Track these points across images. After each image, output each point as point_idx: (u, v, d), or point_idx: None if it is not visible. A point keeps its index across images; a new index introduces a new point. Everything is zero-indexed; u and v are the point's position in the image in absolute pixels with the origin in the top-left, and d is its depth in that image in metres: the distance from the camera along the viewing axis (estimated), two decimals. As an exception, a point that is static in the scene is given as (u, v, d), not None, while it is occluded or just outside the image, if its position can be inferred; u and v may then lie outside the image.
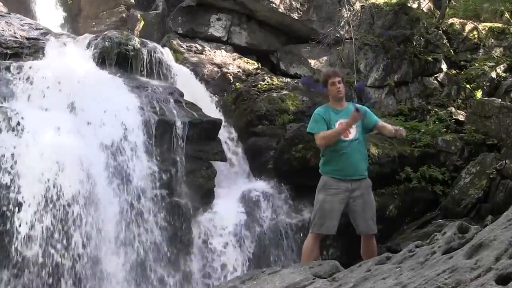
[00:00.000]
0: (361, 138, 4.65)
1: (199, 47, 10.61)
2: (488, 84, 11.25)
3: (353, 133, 4.58)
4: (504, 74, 11.39)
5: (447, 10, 12.84)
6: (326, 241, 4.75)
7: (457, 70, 11.80)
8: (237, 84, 9.92)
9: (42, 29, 8.96)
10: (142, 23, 11.29)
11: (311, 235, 4.60)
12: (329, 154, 4.63)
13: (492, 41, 12.18)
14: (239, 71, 10.22)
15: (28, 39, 8.42)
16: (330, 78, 4.67)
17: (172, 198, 7.08)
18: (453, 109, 10.58)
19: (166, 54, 9.34)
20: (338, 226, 4.59)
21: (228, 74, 10.09)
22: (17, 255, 5.63)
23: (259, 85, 9.78)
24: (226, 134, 8.99)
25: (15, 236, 5.66)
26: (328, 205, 4.52)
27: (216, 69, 10.16)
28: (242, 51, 10.90)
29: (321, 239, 4.63)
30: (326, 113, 4.65)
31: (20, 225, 5.71)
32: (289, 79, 10.37)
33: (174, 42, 10.51)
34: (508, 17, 13.06)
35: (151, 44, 9.21)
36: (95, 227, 6.20)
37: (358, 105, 4.53)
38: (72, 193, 6.14)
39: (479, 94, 11.17)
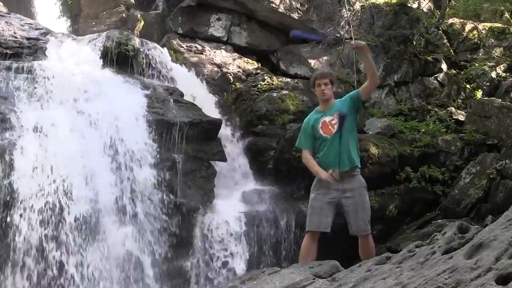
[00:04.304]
0: (347, 130, 4.61)
1: (199, 47, 10.60)
2: (488, 84, 11.26)
3: (335, 128, 4.59)
4: (504, 74, 11.41)
5: (447, 10, 12.85)
6: (327, 241, 4.74)
7: (457, 70, 11.81)
8: (237, 84, 9.92)
9: (42, 29, 8.96)
10: (142, 23, 11.29)
11: (307, 234, 4.63)
12: (319, 153, 4.67)
13: (492, 41, 12.19)
14: (239, 71, 10.22)
15: (28, 39, 8.41)
16: (316, 79, 4.74)
17: (172, 198, 7.08)
18: (453, 109, 10.59)
19: (166, 54, 9.35)
20: (335, 226, 4.60)
21: (228, 74, 10.09)
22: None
23: (259, 85, 9.78)
24: (227, 133, 9.01)
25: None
26: (317, 203, 4.56)
27: (216, 69, 10.16)
28: (242, 51, 10.90)
29: (320, 239, 4.63)
30: (310, 120, 4.77)
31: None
32: (289, 79, 10.37)
33: (174, 42, 10.50)
34: (508, 17, 13.06)
35: (151, 44, 9.22)
36: (95, 227, 6.19)
37: None
38: (71, 193, 6.13)
39: (479, 94, 11.18)
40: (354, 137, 4.75)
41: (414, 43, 11.22)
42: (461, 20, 12.54)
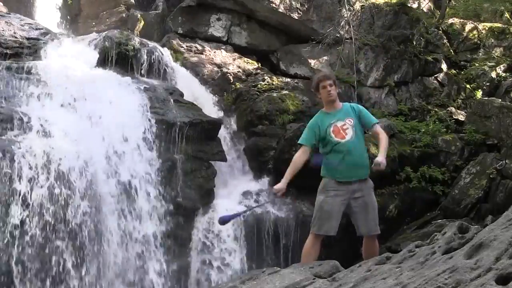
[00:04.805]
0: (359, 137, 4.64)
1: (199, 47, 10.60)
2: (488, 84, 11.27)
3: (349, 134, 4.58)
4: (504, 74, 11.41)
5: (447, 10, 12.84)
6: (327, 241, 4.73)
7: (457, 70, 11.81)
8: (237, 84, 9.91)
9: (42, 29, 8.95)
10: (142, 23, 11.28)
11: (311, 235, 4.61)
12: (329, 157, 4.64)
13: (492, 41, 12.19)
14: (239, 71, 10.22)
15: (28, 39, 8.41)
16: (320, 82, 4.71)
17: (172, 198, 7.08)
18: (453, 109, 10.60)
19: (166, 54, 9.34)
20: (338, 226, 4.59)
21: (228, 74, 10.09)
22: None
23: (259, 85, 9.77)
24: (227, 133, 9.02)
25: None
26: (327, 207, 4.53)
27: (216, 69, 10.15)
28: (242, 51, 10.90)
29: (322, 240, 4.62)
30: (319, 120, 4.73)
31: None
32: (289, 79, 10.36)
33: (174, 42, 10.50)
34: (508, 17, 13.07)
35: (151, 44, 9.22)
36: (95, 227, 6.20)
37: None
38: (72, 193, 6.14)
39: (479, 94, 11.18)
40: (363, 144, 4.78)
41: (414, 43, 11.22)
42: (461, 20, 12.54)
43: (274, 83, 9.94)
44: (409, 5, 11.90)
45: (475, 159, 8.78)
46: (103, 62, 8.45)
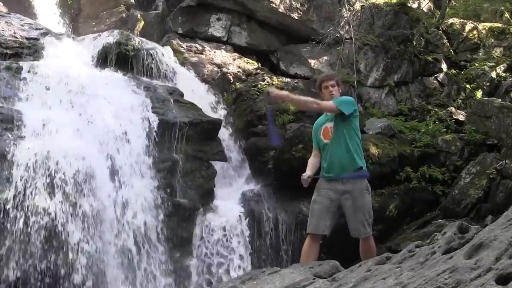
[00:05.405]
0: (341, 136, 4.54)
1: (199, 47, 10.61)
2: (488, 84, 11.26)
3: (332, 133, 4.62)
4: (504, 74, 11.41)
5: (447, 10, 12.84)
6: (326, 241, 4.74)
7: (457, 70, 11.80)
8: (237, 84, 9.91)
9: (42, 29, 8.96)
10: (142, 23, 11.28)
11: (308, 236, 4.63)
12: (322, 157, 4.71)
13: (492, 41, 12.19)
14: (239, 71, 10.22)
15: (28, 39, 8.42)
16: (323, 82, 4.78)
17: (172, 198, 7.08)
18: (453, 109, 10.59)
19: (166, 54, 9.35)
20: (336, 226, 4.59)
21: (228, 74, 10.09)
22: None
23: (259, 85, 9.77)
24: (227, 133, 9.02)
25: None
26: (316, 205, 4.58)
27: (216, 69, 10.16)
28: (242, 51, 10.90)
29: (321, 239, 4.63)
30: (319, 122, 4.83)
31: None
32: (289, 79, 10.37)
33: (174, 42, 10.50)
34: (508, 17, 13.07)
35: (151, 44, 9.22)
36: (94, 227, 6.19)
37: None
38: (71, 193, 6.13)
39: (479, 94, 11.18)
40: (351, 143, 4.58)
41: (414, 43, 11.22)
42: (461, 20, 12.53)
43: (274, 83, 9.94)
44: (409, 5, 11.90)
45: (475, 159, 8.78)
46: (103, 62, 8.45)
